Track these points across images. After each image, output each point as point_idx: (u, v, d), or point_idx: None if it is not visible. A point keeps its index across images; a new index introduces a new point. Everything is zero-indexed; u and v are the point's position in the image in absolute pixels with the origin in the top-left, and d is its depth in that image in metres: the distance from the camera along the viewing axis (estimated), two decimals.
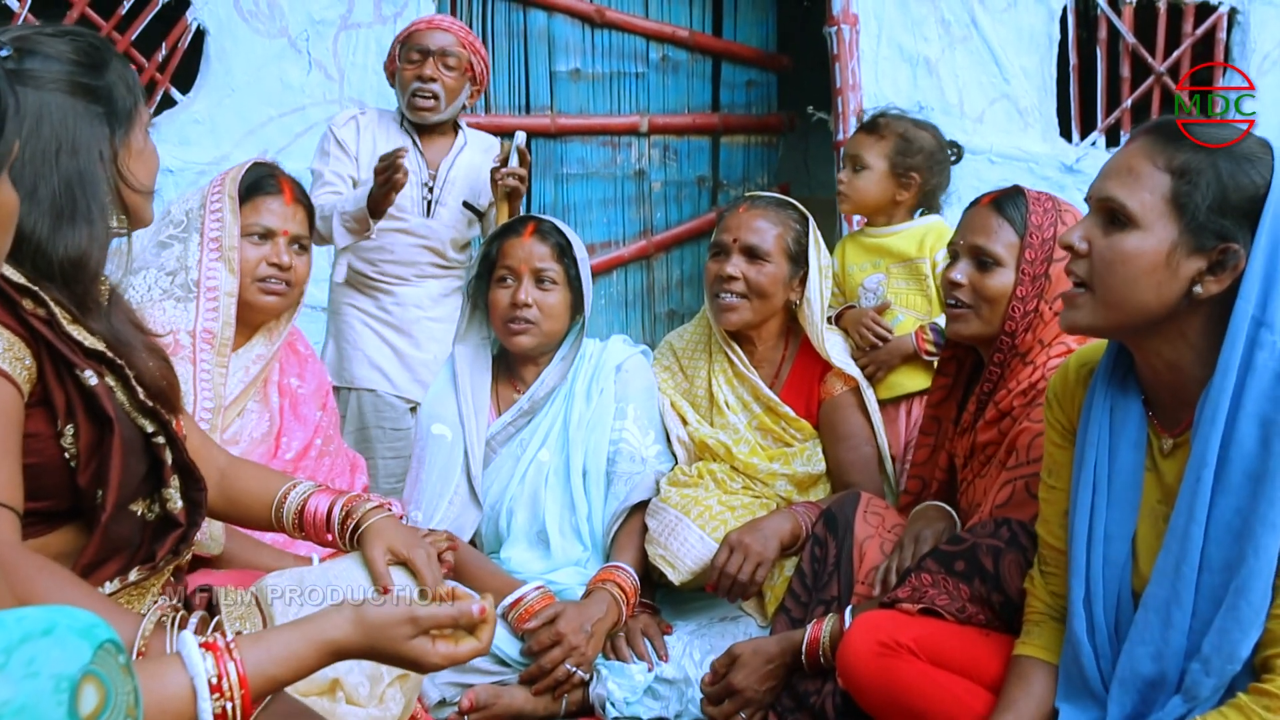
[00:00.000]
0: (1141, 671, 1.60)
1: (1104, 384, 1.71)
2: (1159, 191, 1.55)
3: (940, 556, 1.99)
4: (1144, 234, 1.56)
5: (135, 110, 1.58)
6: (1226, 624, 1.51)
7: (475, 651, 1.41)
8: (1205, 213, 1.53)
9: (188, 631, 1.29)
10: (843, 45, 4.03)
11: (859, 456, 2.68)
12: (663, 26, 4.47)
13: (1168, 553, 1.57)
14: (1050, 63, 4.18)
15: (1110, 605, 1.68)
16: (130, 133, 1.57)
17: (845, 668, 1.93)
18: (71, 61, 1.52)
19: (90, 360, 1.49)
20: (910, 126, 2.99)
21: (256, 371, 2.39)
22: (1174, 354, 1.61)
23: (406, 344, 3.27)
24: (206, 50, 3.82)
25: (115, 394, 1.51)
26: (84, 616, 0.78)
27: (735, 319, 2.68)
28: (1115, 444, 1.69)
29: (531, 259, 2.66)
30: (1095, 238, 1.61)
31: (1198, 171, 1.53)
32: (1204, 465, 1.53)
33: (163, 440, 1.55)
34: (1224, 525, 1.53)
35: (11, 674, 0.71)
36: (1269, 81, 4.22)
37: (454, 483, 2.66)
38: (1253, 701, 1.49)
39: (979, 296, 2.17)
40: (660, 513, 2.53)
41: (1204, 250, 1.54)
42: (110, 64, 1.56)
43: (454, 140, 3.31)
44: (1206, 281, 1.54)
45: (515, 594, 2.45)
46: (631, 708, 2.36)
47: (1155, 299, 1.56)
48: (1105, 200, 1.60)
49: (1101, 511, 1.69)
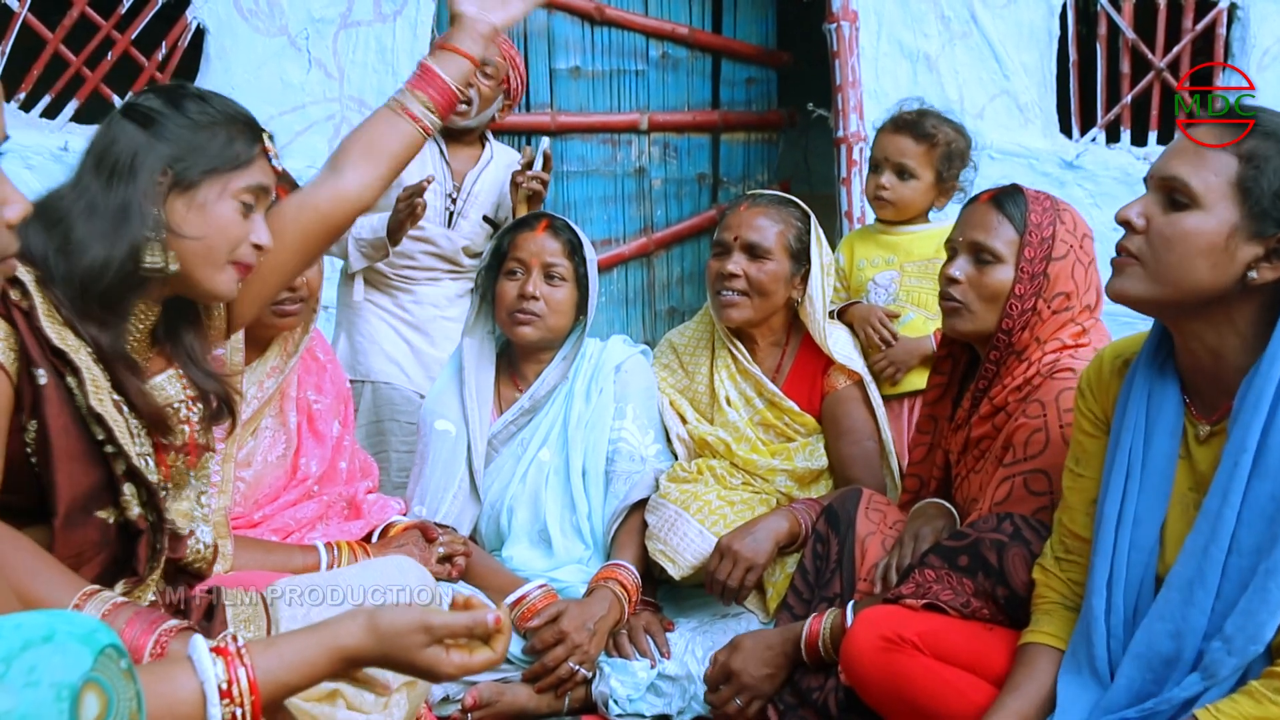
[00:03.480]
0: (1158, 648, 1.61)
1: (1145, 368, 1.72)
2: (1225, 174, 1.56)
3: (943, 552, 1.99)
4: (1205, 214, 1.56)
5: (215, 171, 1.63)
6: (1253, 604, 1.53)
7: (489, 662, 1.39)
8: (1269, 199, 1.54)
9: (199, 636, 1.27)
10: (843, 42, 4.02)
11: (861, 451, 2.67)
12: (662, 24, 4.46)
13: (1198, 534, 1.59)
14: (1050, 59, 4.18)
15: (1132, 589, 1.68)
16: (199, 186, 1.62)
17: (849, 663, 1.94)
18: (159, 95, 1.66)
19: (52, 358, 1.50)
20: (954, 133, 2.96)
21: (272, 387, 2.33)
22: (1218, 340, 1.62)
23: (423, 341, 3.25)
24: (206, 49, 3.82)
25: (73, 397, 1.52)
26: (85, 622, 0.77)
27: (737, 316, 2.68)
28: (1151, 430, 1.70)
29: (543, 253, 2.66)
30: (1154, 215, 1.61)
31: (1265, 158, 1.54)
32: (1243, 450, 1.54)
33: (112, 449, 1.56)
34: (1257, 510, 1.54)
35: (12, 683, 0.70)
36: (1269, 77, 4.21)
37: (458, 478, 2.67)
38: (1264, 686, 1.51)
39: (976, 293, 2.17)
40: (660, 508, 2.54)
41: (1263, 236, 1.55)
42: (219, 126, 1.65)
43: (480, 152, 3.27)
44: (1262, 268, 1.55)
45: (518, 592, 2.45)
46: (634, 705, 2.36)
47: (1210, 280, 1.57)
48: (1168, 179, 1.60)
49: (1133, 496, 1.70)
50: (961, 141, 2.98)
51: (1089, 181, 4.18)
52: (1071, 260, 2.13)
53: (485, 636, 1.39)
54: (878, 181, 2.98)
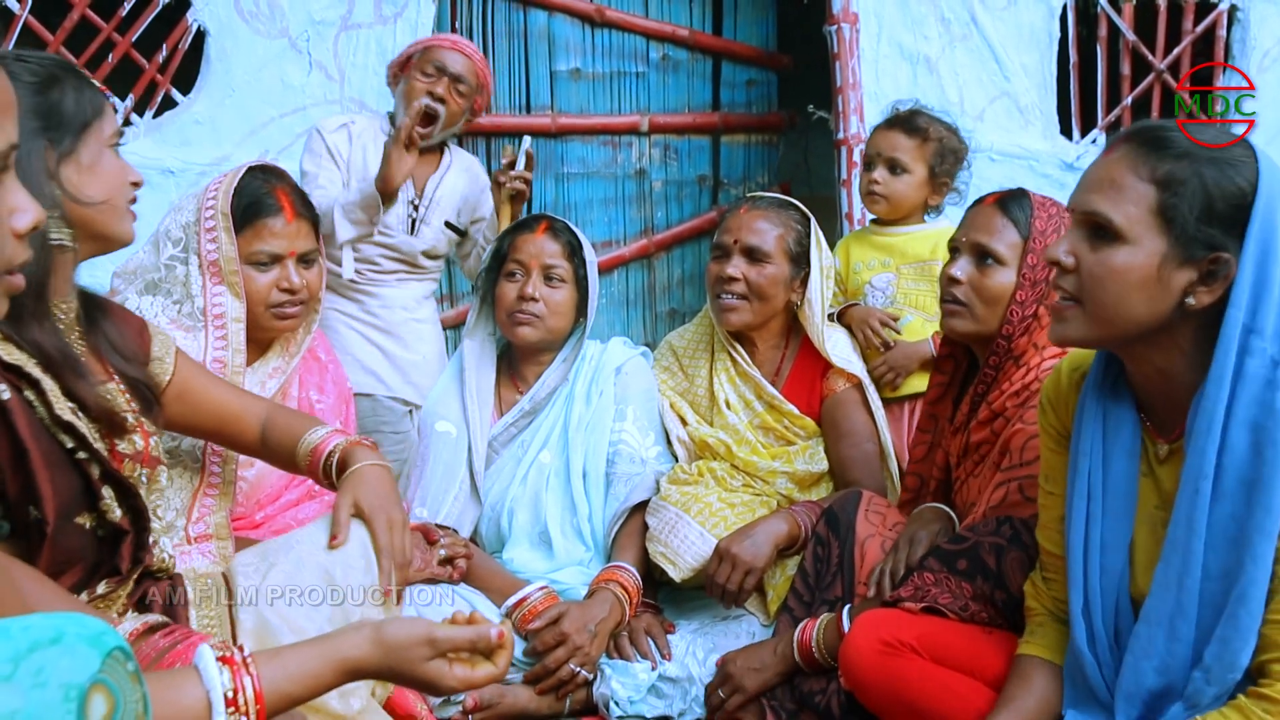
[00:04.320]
0: (1146, 684, 1.59)
1: (1095, 391, 1.69)
2: (1144, 204, 1.51)
3: (942, 555, 1.99)
4: (1132, 248, 1.52)
5: (86, 127, 1.60)
6: (1227, 633, 1.50)
7: (492, 677, 1.41)
8: (1193, 223, 1.49)
9: (205, 645, 1.29)
10: (843, 44, 4.02)
11: (861, 454, 2.68)
12: (663, 26, 4.46)
13: (1168, 565, 1.56)
14: (1050, 60, 4.18)
15: (1109, 613, 1.66)
16: (78, 148, 1.59)
17: (848, 666, 1.94)
18: (18, 80, 1.57)
19: (7, 374, 1.48)
20: (946, 131, 2.98)
21: (274, 388, 2.33)
22: (1165, 361, 1.59)
23: (395, 345, 3.19)
24: (207, 51, 3.81)
25: (34, 409, 1.50)
26: (92, 623, 0.78)
27: (736, 320, 2.68)
28: (1109, 451, 1.67)
29: (542, 255, 2.67)
30: (1082, 253, 1.57)
31: (1182, 181, 1.49)
32: (1201, 476, 1.51)
33: (85, 455, 1.55)
34: (1221, 532, 1.51)
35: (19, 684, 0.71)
36: (1269, 79, 4.21)
37: (459, 479, 2.67)
38: (1253, 704, 1.49)
39: (977, 294, 2.16)
40: (660, 510, 2.54)
41: (1194, 261, 1.50)
42: (59, 81, 1.59)
43: (440, 159, 3.23)
44: (1199, 292, 1.51)
45: (519, 594, 2.45)
46: (635, 707, 2.36)
47: (1148, 312, 1.53)
48: (1090, 214, 1.56)
49: (1097, 520, 1.67)
50: (954, 140, 2.99)
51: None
52: None
53: (488, 651, 1.41)
54: (870, 177, 3.01)
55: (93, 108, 1.62)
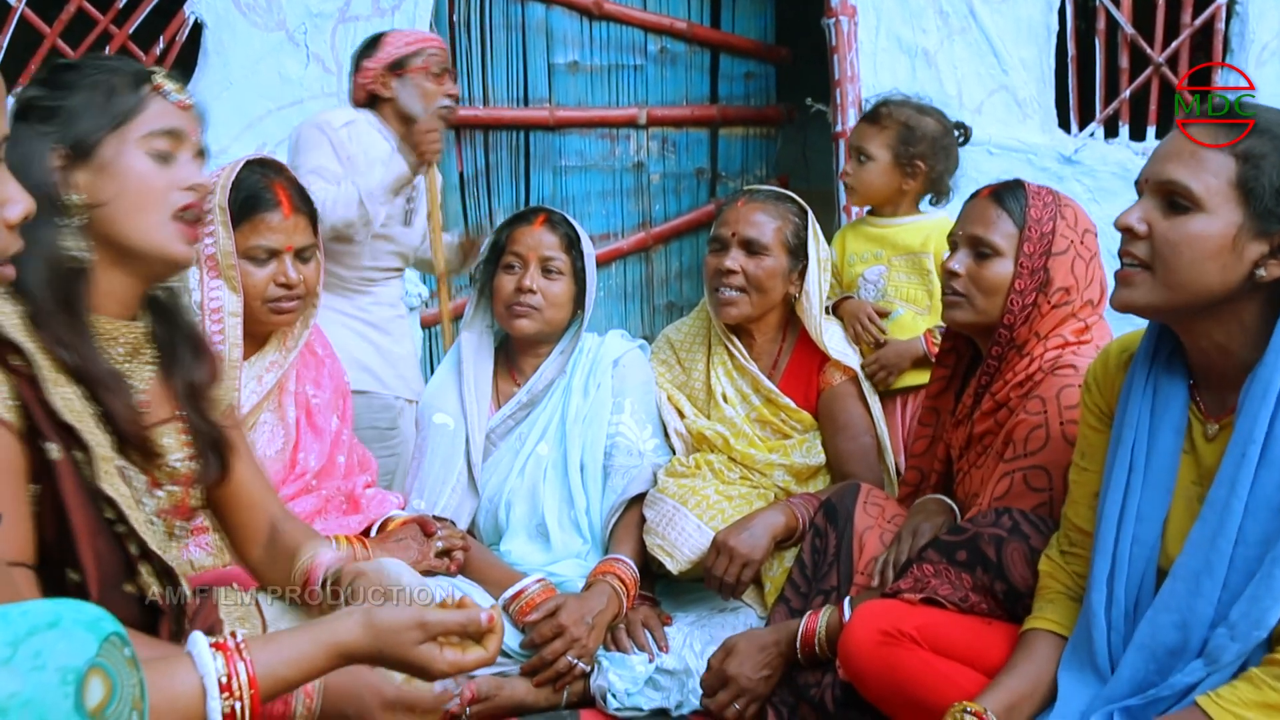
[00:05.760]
0: (1163, 639, 1.61)
1: (1144, 367, 1.72)
2: (1224, 175, 1.55)
3: (942, 546, 2.00)
4: (1209, 217, 1.55)
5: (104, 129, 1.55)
6: (1259, 591, 1.52)
7: (481, 661, 1.41)
8: (1271, 196, 1.53)
9: (198, 632, 1.29)
10: (841, 37, 4.02)
11: (858, 446, 2.68)
12: (661, 18, 4.46)
13: (1204, 524, 1.58)
14: (1049, 53, 4.18)
15: (1134, 583, 1.68)
16: (96, 151, 1.54)
17: (847, 657, 1.94)
18: (34, 83, 1.56)
19: (60, 432, 1.43)
20: (913, 114, 2.98)
21: (271, 382, 2.32)
22: (1225, 336, 1.61)
23: (387, 340, 3.23)
24: (204, 44, 3.81)
25: (82, 471, 1.45)
26: (89, 610, 0.79)
27: (735, 313, 2.68)
28: (1156, 426, 1.69)
29: (540, 247, 2.67)
30: (1155, 220, 1.60)
31: (1262, 155, 1.53)
32: (1250, 441, 1.54)
33: (124, 529, 1.49)
34: (1263, 501, 1.54)
35: (18, 667, 0.72)
36: (1268, 72, 4.22)
37: (456, 471, 2.67)
38: (1265, 674, 1.51)
39: (976, 286, 2.17)
40: (658, 503, 2.54)
41: (1269, 234, 1.54)
42: (74, 85, 1.55)
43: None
44: (1270, 265, 1.55)
45: (516, 586, 2.45)
46: (633, 699, 2.36)
47: (1219, 282, 1.56)
48: (1167, 183, 1.58)
49: (1136, 492, 1.69)
50: (926, 122, 2.97)
51: (1087, 176, 4.18)
52: (1072, 255, 2.13)
53: (478, 635, 1.41)
54: (844, 169, 3.12)
55: (120, 110, 1.56)
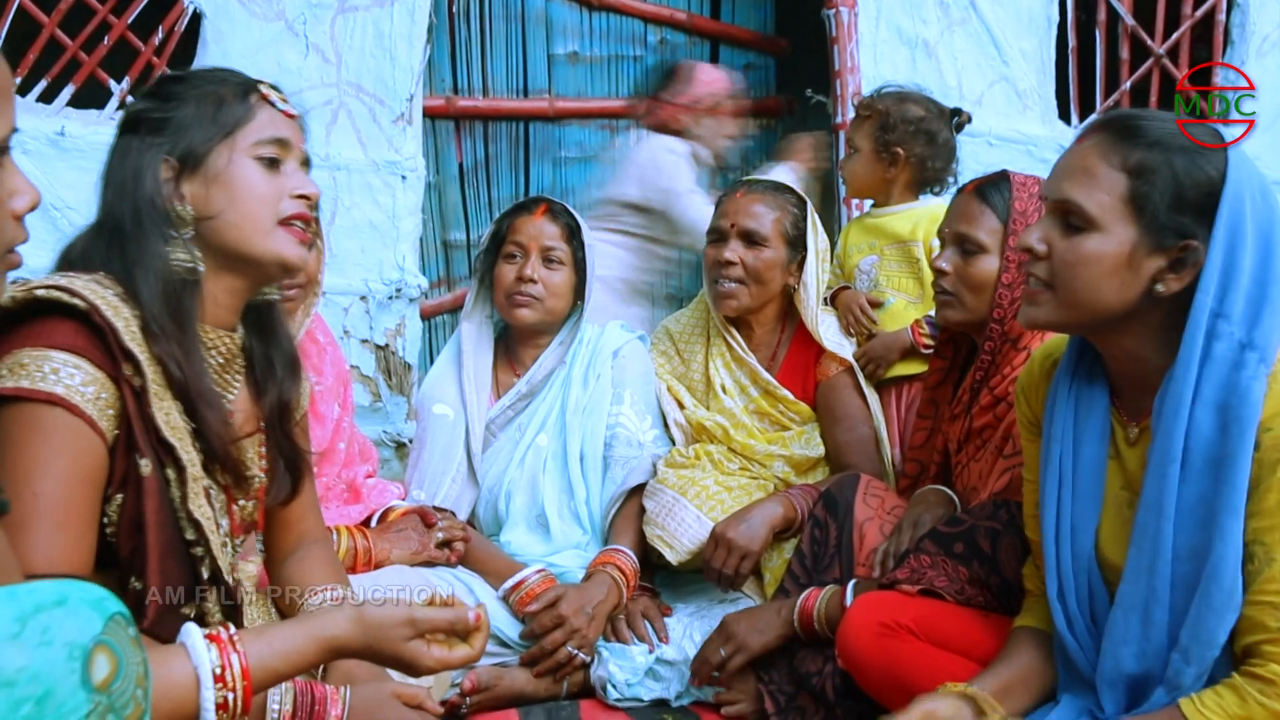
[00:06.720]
0: (1125, 670, 1.60)
1: (1067, 376, 1.72)
2: (1116, 192, 1.54)
3: (939, 538, 2.00)
4: (1104, 236, 1.55)
5: (213, 140, 1.56)
6: (1201, 611, 1.51)
7: (468, 658, 1.45)
8: (1164, 211, 1.52)
9: (192, 623, 1.32)
10: (841, 28, 4.01)
11: (855, 437, 2.68)
12: (661, 9, 4.45)
13: (1139, 551, 1.57)
14: (1049, 45, 4.17)
15: (1083, 597, 1.69)
16: (205, 162, 1.55)
17: (845, 647, 1.95)
18: (144, 95, 1.60)
19: (158, 447, 1.45)
20: (892, 103, 2.96)
21: None
22: (1136, 345, 1.61)
23: None
24: (203, 33, 3.80)
25: (169, 490, 1.46)
26: (94, 589, 0.80)
27: (734, 305, 2.68)
28: (1080, 435, 1.69)
29: (541, 237, 2.67)
30: (1054, 239, 1.60)
31: (1154, 170, 1.52)
32: (1169, 459, 1.53)
33: (200, 552, 1.51)
34: (1189, 513, 1.53)
35: (26, 642, 0.73)
36: (1269, 63, 4.22)
37: (456, 461, 2.67)
38: (1247, 684, 1.49)
39: (963, 284, 2.18)
40: (657, 493, 2.55)
41: (1164, 249, 1.53)
42: (183, 97, 1.57)
43: None
44: (1168, 279, 1.54)
45: (516, 577, 2.46)
46: (632, 689, 2.37)
47: (1117, 299, 1.56)
48: (1063, 202, 1.58)
49: (1068, 505, 1.69)
50: (906, 109, 2.95)
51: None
52: None
53: (465, 633, 1.45)
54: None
55: (229, 120, 1.57)
